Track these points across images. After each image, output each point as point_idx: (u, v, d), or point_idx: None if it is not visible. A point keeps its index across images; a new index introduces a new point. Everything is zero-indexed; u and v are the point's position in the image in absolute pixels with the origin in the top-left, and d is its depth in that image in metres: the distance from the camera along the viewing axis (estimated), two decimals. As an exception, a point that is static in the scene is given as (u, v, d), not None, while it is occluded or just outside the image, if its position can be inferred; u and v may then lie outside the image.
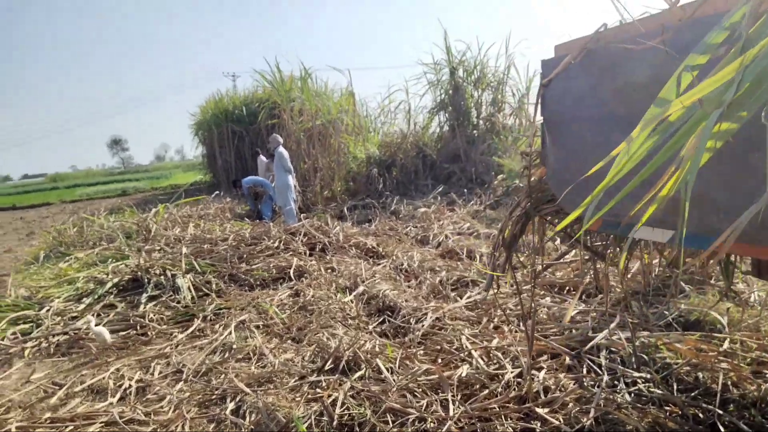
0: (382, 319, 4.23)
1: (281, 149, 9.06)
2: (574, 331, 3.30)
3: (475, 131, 11.46)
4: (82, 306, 4.91)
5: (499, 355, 3.05)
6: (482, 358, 3.06)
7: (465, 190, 9.89)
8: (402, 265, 5.75)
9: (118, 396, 3.18)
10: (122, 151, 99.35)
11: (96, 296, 5.10)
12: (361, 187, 11.55)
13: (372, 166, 11.55)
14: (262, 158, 12.31)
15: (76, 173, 73.36)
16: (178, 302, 4.96)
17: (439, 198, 9.72)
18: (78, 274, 5.70)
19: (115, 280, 5.39)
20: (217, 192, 13.12)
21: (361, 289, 4.86)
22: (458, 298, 4.44)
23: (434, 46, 15.84)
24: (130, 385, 3.30)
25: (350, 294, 4.88)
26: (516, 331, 3.45)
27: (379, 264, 5.98)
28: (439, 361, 3.16)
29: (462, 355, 3.13)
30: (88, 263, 6.42)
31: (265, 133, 13.78)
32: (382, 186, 11.10)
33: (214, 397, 3.04)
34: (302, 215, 9.63)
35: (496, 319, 3.78)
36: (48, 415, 2.98)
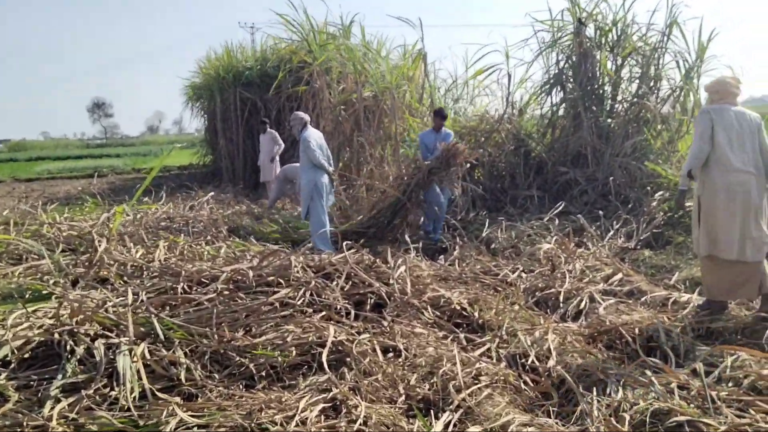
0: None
1: (309, 131, 7.39)
2: None
3: (610, 119, 9.74)
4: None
5: None
6: None
7: (600, 212, 8.14)
8: (524, 355, 4.12)
9: None
10: (105, 117, 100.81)
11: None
12: (426, 193, 9.98)
13: (444, 163, 9.98)
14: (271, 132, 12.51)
15: (45, 142, 74.85)
16: (116, 401, 3.47)
17: (556, 221, 7.99)
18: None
19: (17, 343, 3.97)
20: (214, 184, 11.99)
21: (455, 413, 3.27)
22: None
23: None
24: None
25: (437, 418, 3.30)
26: None
27: (478, 345, 4.37)
28: None
29: None
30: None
31: (288, 104, 12.77)
32: (459, 193, 9.47)
33: None
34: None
35: None
36: None
